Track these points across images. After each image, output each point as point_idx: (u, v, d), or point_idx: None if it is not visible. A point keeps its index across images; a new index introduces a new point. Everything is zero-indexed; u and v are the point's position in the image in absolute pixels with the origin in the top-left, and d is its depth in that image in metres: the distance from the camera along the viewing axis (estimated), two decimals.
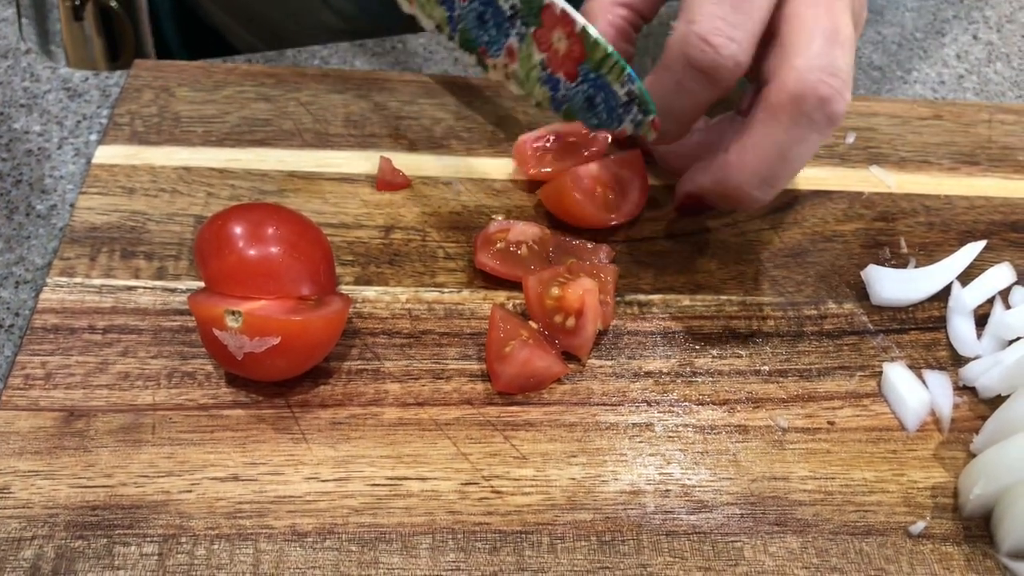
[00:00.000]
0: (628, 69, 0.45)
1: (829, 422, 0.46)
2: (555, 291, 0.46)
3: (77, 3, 0.85)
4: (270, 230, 0.44)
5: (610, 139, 0.55)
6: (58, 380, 0.44)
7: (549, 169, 0.53)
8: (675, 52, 0.43)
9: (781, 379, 0.47)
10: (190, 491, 0.41)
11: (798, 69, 0.42)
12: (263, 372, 0.43)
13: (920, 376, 0.48)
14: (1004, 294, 0.51)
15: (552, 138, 0.54)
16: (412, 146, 0.55)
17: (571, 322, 0.46)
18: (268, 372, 0.43)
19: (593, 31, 0.45)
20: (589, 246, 0.50)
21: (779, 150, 0.43)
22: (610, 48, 0.45)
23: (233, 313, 0.41)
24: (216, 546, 0.40)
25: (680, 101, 0.45)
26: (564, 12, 0.45)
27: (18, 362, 0.44)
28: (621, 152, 0.53)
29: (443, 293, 0.49)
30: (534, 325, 0.47)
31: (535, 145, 0.54)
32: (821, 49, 0.42)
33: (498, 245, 0.49)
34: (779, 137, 0.42)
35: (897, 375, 0.47)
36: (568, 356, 0.47)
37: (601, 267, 0.49)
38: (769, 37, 0.43)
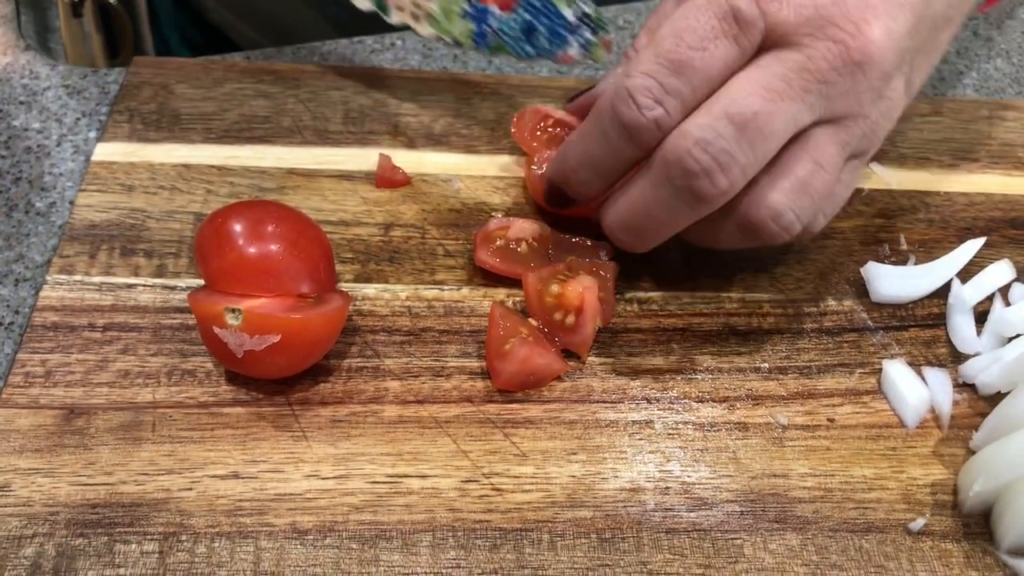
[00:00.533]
0: None
1: (829, 419, 0.46)
2: (555, 288, 0.46)
3: (76, 0, 0.85)
4: (270, 228, 0.44)
5: None
6: (58, 378, 0.44)
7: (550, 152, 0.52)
8: (604, 103, 0.43)
9: (781, 376, 0.47)
10: (190, 489, 0.41)
11: (675, 136, 0.41)
12: (263, 370, 0.43)
13: (920, 373, 0.48)
14: (1004, 291, 0.51)
15: (552, 122, 0.53)
16: (411, 143, 0.55)
17: (571, 320, 0.46)
18: (268, 370, 0.43)
19: None
20: (589, 243, 0.50)
21: (643, 203, 0.43)
22: None
23: (233, 311, 0.41)
24: (217, 544, 0.40)
25: (601, 152, 0.44)
26: None
27: (18, 360, 0.44)
28: None
29: (443, 291, 0.49)
30: (534, 323, 0.47)
31: (539, 125, 0.53)
32: (713, 122, 0.40)
33: (498, 242, 0.49)
34: (645, 191, 0.43)
35: (897, 372, 0.47)
36: (568, 354, 0.47)
37: (601, 264, 0.49)
38: None
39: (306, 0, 0.77)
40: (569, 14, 0.44)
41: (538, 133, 0.53)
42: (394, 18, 0.50)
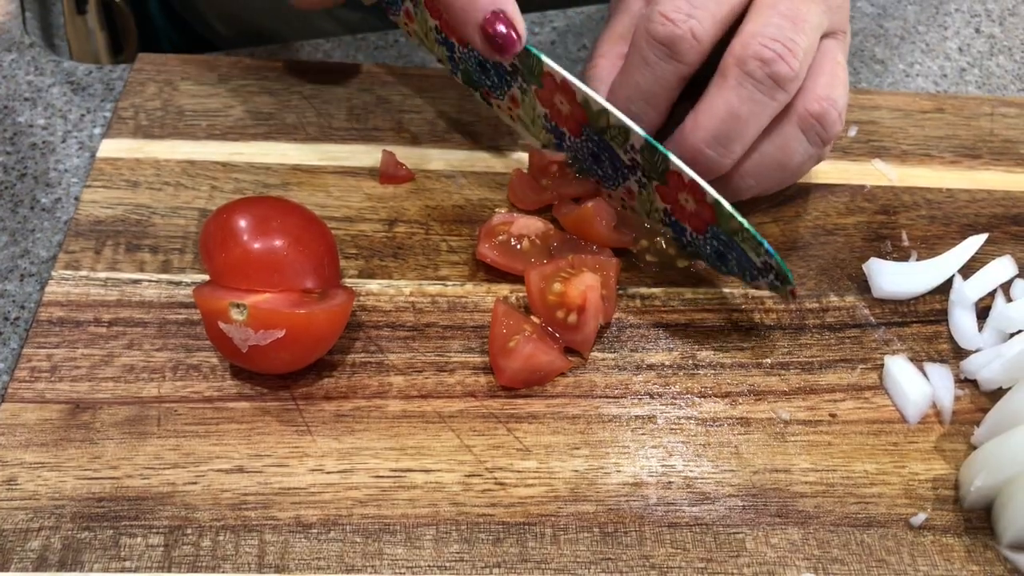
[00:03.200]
0: (764, 243, 0.45)
1: (831, 414, 0.46)
2: (557, 287, 0.47)
3: None
4: (274, 223, 0.44)
5: None
6: (64, 373, 0.44)
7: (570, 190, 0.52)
8: (640, 30, 0.47)
9: (783, 372, 0.47)
10: (195, 483, 0.41)
11: (743, 35, 0.45)
12: (268, 365, 0.43)
13: (921, 369, 0.48)
14: (1005, 287, 0.51)
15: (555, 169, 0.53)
16: (415, 140, 0.55)
17: (573, 318, 0.46)
18: (273, 365, 0.44)
19: (726, 203, 0.45)
20: (595, 247, 0.50)
21: (728, 109, 0.46)
22: (745, 222, 0.45)
23: (238, 306, 0.41)
24: (221, 537, 0.40)
25: (646, 79, 0.47)
26: (691, 179, 0.46)
27: (24, 355, 0.45)
28: None
29: (446, 286, 0.49)
30: (536, 320, 0.47)
31: (552, 161, 0.53)
32: (769, 21, 0.45)
33: (500, 237, 0.50)
34: (728, 97, 0.45)
35: (899, 368, 0.47)
36: (570, 351, 0.47)
37: (603, 260, 0.49)
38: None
39: (302, 13, 0.77)
40: (755, 259, 0.46)
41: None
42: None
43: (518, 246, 0.49)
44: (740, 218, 0.45)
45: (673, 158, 0.46)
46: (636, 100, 0.48)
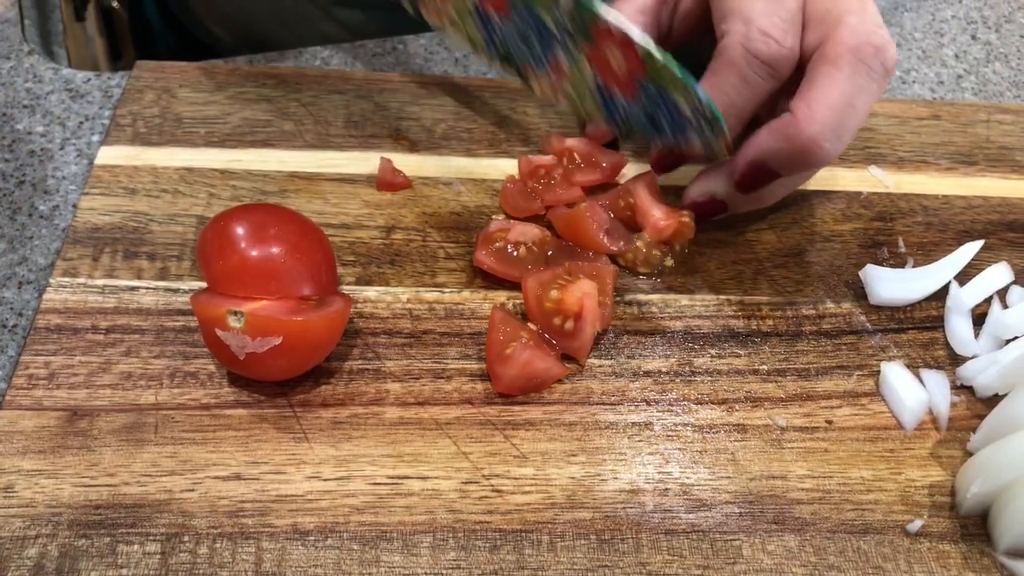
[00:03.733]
0: (694, 84, 0.44)
1: (827, 421, 0.46)
2: (554, 294, 0.47)
3: (79, 3, 0.86)
4: (272, 231, 0.44)
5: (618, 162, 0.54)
6: (61, 380, 0.44)
7: (560, 192, 0.53)
8: (737, 50, 0.45)
9: (779, 378, 0.48)
10: (192, 490, 0.41)
11: (851, 25, 0.45)
12: (265, 372, 0.44)
13: (918, 375, 0.48)
14: (1002, 293, 0.51)
15: (558, 161, 0.54)
16: (413, 147, 0.55)
17: (570, 325, 0.46)
18: (270, 372, 0.44)
19: (652, 45, 0.44)
20: (590, 253, 0.50)
21: (846, 99, 0.45)
22: (672, 64, 0.44)
23: (235, 313, 0.41)
24: (218, 545, 0.40)
25: (743, 96, 0.46)
26: (620, 30, 0.44)
27: (22, 362, 0.45)
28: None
29: (443, 293, 0.49)
30: (533, 327, 0.47)
31: (539, 165, 0.54)
32: (861, 7, 0.46)
33: (497, 244, 0.50)
34: (845, 87, 0.45)
35: (895, 374, 0.47)
36: (567, 358, 0.47)
37: (600, 268, 0.49)
38: None
39: (303, 18, 0.77)
40: (686, 108, 0.46)
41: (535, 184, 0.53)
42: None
43: (515, 253, 0.49)
44: (667, 60, 0.44)
45: (600, 8, 0.44)
46: (731, 116, 0.47)
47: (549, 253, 0.50)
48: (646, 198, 0.51)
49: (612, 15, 0.44)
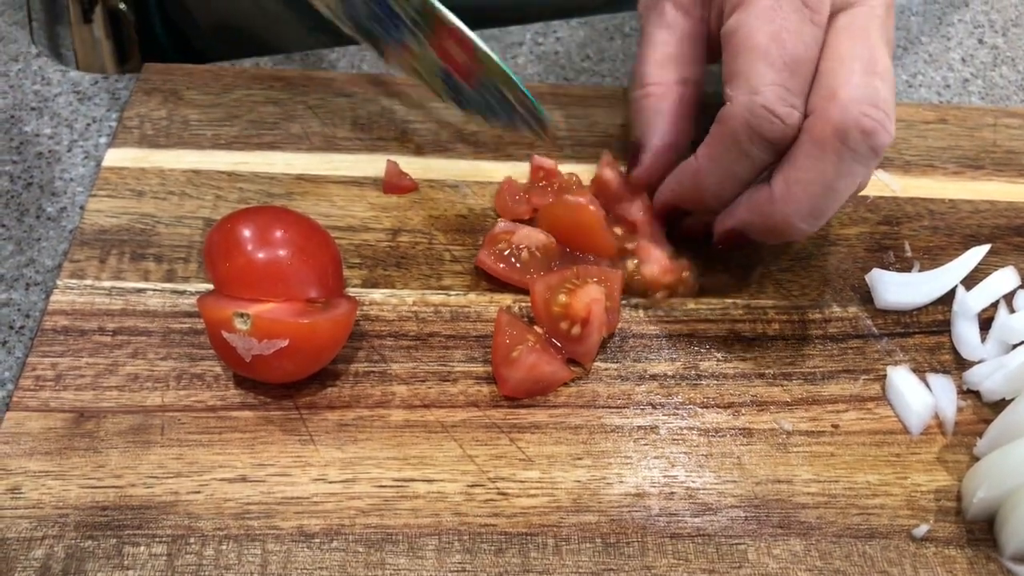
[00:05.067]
0: (521, 85, 0.48)
1: (833, 425, 0.46)
2: (562, 298, 0.47)
3: (86, 5, 0.86)
4: (278, 233, 0.44)
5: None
6: (68, 381, 0.44)
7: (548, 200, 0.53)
8: (740, 123, 0.44)
9: (785, 382, 0.47)
10: (199, 492, 0.41)
11: (841, 102, 0.42)
12: (271, 374, 0.44)
13: (924, 380, 0.48)
14: (1008, 298, 0.51)
15: (542, 175, 0.54)
16: (419, 149, 0.56)
17: (576, 330, 0.46)
18: (276, 374, 0.44)
19: (483, 46, 0.48)
20: (591, 258, 0.50)
21: (825, 183, 0.43)
22: (503, 65, 0.48)
23: (242, 315, 0.41)
24: (224, 547, 0.40)
25: (741, 168, 0.45)
26: (460, 31, 0.48)
27: (29, 363, 0.45)
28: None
29: (449, 296, 0.49)
30: (539, 330, 0.47)
31: (539, 167, 0.54)
32: (861, 80, 0.43)
33: (500, 246, 0.50)
34: (825, 171, 0.43)
35: (901, 378, 0.47)
36: (572, 362, 0.47)
37: (608, 272, 0.49)
38: None
39: (301, 24, 0.77)
40: (514, 101, 0.49)
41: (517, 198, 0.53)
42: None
43: (516, 257, 0.49)
44: (496, 58, 0.47)
45: (440, 8, 0.47)
46: (730, 188, 0.46)
47: (554, 263, 0.50)
48: (648, 246, 0.50)
49: (451, 16, 0.48)
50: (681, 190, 0.48)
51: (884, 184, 0.57)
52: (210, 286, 0.47)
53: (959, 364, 0.49)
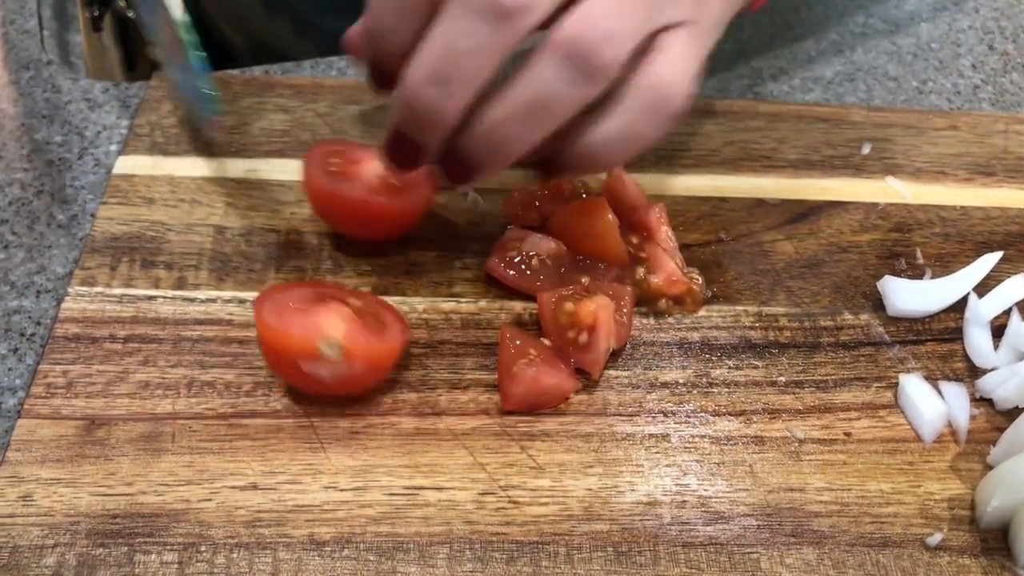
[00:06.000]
0: (195, 57, 0.49)
1: (845, 433, 0.46)
2: (569, 307, 0.47)
3: (96, 14, 0.86)
4: None
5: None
6: (79, 389, 0.44)
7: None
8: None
9: (797, 390, 0.47)
10: (210, 500, 0.41)
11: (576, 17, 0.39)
12: (339, 390, 0.44)
13: (936, 387, 0.48)
14: (1021, 305, 0.51)
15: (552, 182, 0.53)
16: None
17: (584, 338, 0.46)
18: (348, 389, 0.45)
19: (177, 16, 0.49)
20: (601, 266, 0.50)
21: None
22: (183, 33, 0.48)
23: (330, 345, 0.41)
24: (235, 555, 0.40)
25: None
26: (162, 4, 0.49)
27: (40, 371, 0.45)
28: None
29: (460, 303, 0.49)
30: (546, 342, 0.47)
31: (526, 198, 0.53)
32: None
33: (511, 254, 0.50)
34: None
35: (913, 386, 0.47)
36: (582, 372, 0.47)
37: (617, 287, 0.48)
38: None
39: (290, 31, 0.77)
40: (199, 83, 0.49)
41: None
42: (159, 56, 0.57)
43: (527, 264, 0.49)
44: (186, 35, 0.49)
45: None
46: (398, 22, 0.41)
47: (563, 271, 0.49)
48: (660, 256, 0.50)
49: None
50: (365, 33, 0.44)
51: (895, 191, 0.57)
52: (220, 293, 0.47)
53: (972, 372, 0.49)
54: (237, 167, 0.54)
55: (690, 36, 0.43)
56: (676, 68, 0.42)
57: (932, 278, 0.52)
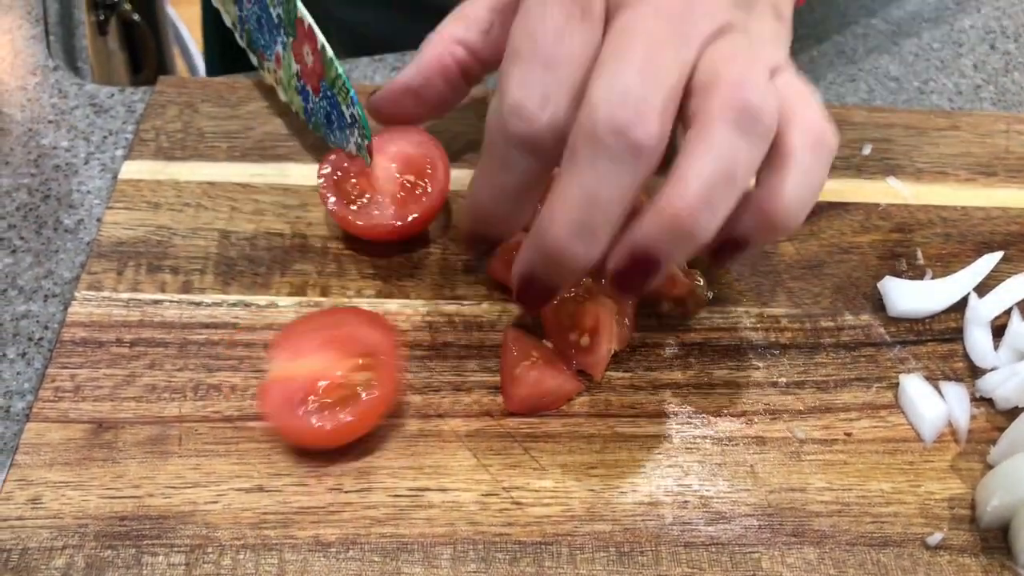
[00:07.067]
0: (352, 92, 0.48)
1: (846, 433, 0.46)
2: (570, 308, 0.47)
3: (102, 18, 0.87)
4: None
5: None
6: (87, 392, 0.45)
7: None
8: (493, 126, 0.41)
9: (798, 391, 0.48)
10: (216, 502, 0.42)
11: (589, 102, 0.38)
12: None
13: (937, 387, 0.48)
14: (1022, 305, 0.51)
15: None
16: None
17: (585, 340, 0.46)
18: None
19: (329, 50, 0.48)
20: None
21: (586, 192, 0.38)
22: (341, 69, 0.47)
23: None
24: (242, 556, 0.40)
25: (510, 178, 0.42)
26: (310, 27, 0.48)
27: (48, 375, 0.45)
28: None
29: (463, 306, 0.49)
30: (548, 344, 0.47)
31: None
32: (613, 80, 0.38)
33: (513, 256, 0.50)
34: (583, 179, 0.38)
35: (914, 386, 0.47)
36: (583, 374, 0.47)
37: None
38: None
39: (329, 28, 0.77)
40: (346, 113, 0.48)
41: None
42: (266, 78, 0.56)
43: None
44: (336, 63, 0.48)
45: (299, 2, 0.48)
46: (501, 201, 0.43)
47: None
48: None
49: (307, 14, 0.49)
50: (467, 214, 0.45)
51: (896, 191, 0.57)
52: (226, 296, 0.47)
53: (972, 372, 0.49)
54: (242, 171, 0.54)
55: (793, 72, 0.43)
56: (811, 100, 0.42)
57: (933, 278, 0.52)
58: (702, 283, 0.50)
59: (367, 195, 0.50)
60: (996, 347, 0.49)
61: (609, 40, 0.40)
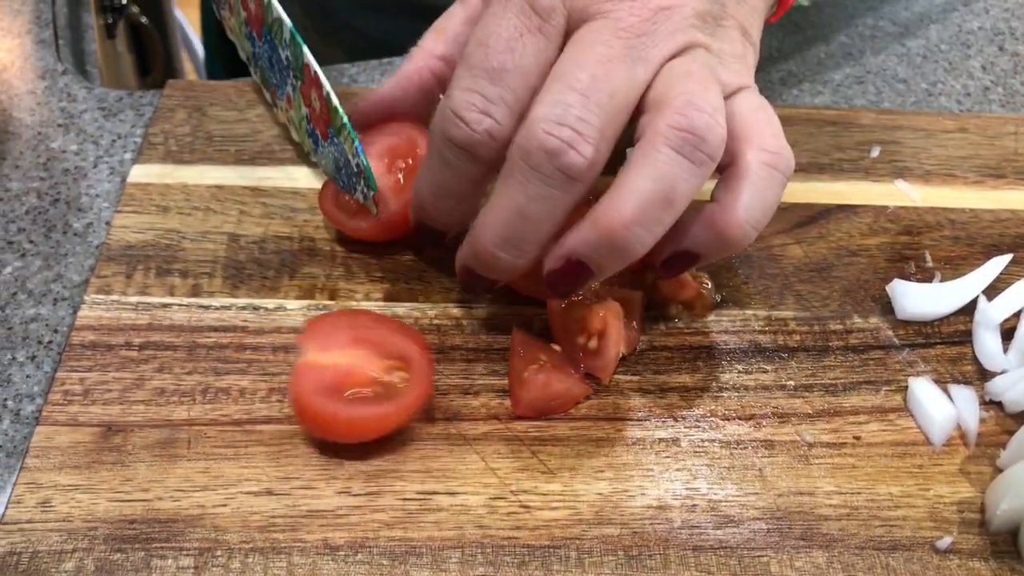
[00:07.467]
0: (356, 141, 0.47)
1: (855, 437, 0.46)
2: (578, 312, 0.47)
3: (110, 21, 0.87)
4: None
5: None
6: (96, 396, 0.45)
7: None
8: (435, 129, 0.42)
9: (807, 394, 0.48)
10: (225, 505, 0.42)
11: (528, 120, 0.39)
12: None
13: (946, 390, 0.48)
14: None
15: None
16: None
17: (593, 343, 0.46)
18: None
19: (335, 98, 0.48)
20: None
21: (515, 207, 0.40)
22: (346, 118, 0.47)
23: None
24: (250, 559, 0.41)
25: (449, 177, 0.43)
26: (316, 74, 0.49)
27: (57, 378, 0.46)
28: None
29: (471, 309, 0.50)
30: (556, 348, 0.47)
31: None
32: (555, 98, 0.39)
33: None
34: (514, 194, 0.40)
35: (923, 390, 0.47)
36: (591, 377, 0.47)
37: (627, 294, 0.49)
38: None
39: (318, 32, 0.77)
40: (352, 162, 0.48)
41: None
42: (278, 116, 0.57)
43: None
44: (342, 112, 0.47)
45: (305, 49, 0.48)
46: (441, 196, 0.45)
47: None
48: None
49: (312, 59, 0.49)
50: (412, 205, 0.47)
51: (904, 194, 0.57)
52: (235, 300, 0.47)
53: (981, 375, 0.49)
54: (250, 175, 0.54)
55: (755, 93, 0.44)
56: (770, 121, 0.43)
57: (941, 281, 0.52)
58: (710, 286, 0.50)
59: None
60: (1005, 350, 0.49)
61: (563, 55, 0.41)
